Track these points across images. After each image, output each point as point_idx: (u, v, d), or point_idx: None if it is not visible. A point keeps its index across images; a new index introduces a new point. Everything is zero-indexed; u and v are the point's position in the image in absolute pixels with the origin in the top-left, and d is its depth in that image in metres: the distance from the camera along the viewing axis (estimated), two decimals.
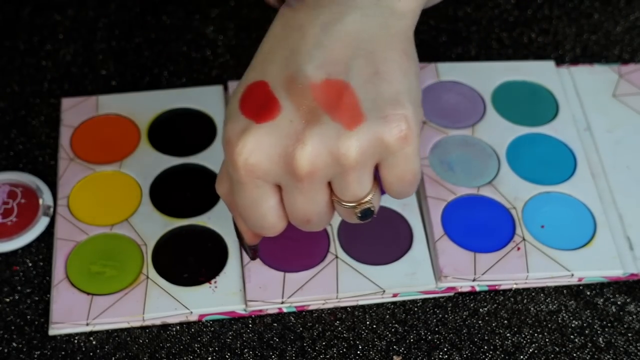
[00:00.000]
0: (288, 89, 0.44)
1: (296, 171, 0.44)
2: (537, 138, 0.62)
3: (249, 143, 0.44)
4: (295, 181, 0.44)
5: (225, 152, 0.45)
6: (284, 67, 0.45)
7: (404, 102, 0.44)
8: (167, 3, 0.70)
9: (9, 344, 0.53)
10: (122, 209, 0.58)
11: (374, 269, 0.55)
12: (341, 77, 0.44)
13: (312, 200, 0.46)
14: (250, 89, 0.45)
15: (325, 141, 0.43)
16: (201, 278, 0.55)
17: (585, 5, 0.71)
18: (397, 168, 0.45)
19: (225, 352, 0.53)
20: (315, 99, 0.44)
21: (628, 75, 0.65)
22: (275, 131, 0.44)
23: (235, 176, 0.45)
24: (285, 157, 0.44)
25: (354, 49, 0.45)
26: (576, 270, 0.55)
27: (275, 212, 0.47)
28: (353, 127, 0.43)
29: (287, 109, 0.44)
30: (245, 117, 0.45)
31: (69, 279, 0.55)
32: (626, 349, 0.54)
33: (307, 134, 0.43)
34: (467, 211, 0.58)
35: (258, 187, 0.45)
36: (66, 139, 0.61)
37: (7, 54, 0.66)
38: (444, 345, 0.54)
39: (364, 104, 0.44)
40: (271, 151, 0.44)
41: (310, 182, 0.44)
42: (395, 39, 0.46)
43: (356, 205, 0.46)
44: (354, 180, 0.45)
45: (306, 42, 0.45)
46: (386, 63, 0.45)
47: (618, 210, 0.58)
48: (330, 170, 0.44)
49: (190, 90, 0.64)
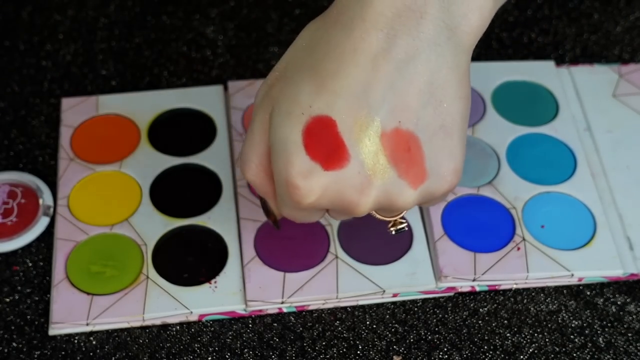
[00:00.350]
0: (358, 135, 0.44)
1: (355, 214, 0.46)
2: (537, 138, 0.62)
3: (316, 189, 0.44)
4: (350, 215, 0.46)
5: (285, 189, 0.45)
6: (354, 106, 0.43)
7: (458, 155, 0.45)
8: (167, 3, 0.70)
9: (9, 344, 0.53)
10: (122, 209, 0.58)
11: (374, 269, 0.55)
12: (411, 128, 0.44)
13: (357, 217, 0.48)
14: (315, 124, 0.44)
15: (387, 195, 0.45)
16: (201, 278, 0.55)
17: (585, 5, 0.71)
18: (437, 201, 0.48)
19: (225, 352, 0.53)
20: (384, 150, 0.44)
21: (628, 75, 0.65)
22: (342, 180, 0.44)
23: (292, 205, 0.46)
24: (348, 204, 0.45)
25: (426, 96, 0.44)
26: (576, 270, 0.55)
27: (322, 216, 0.49)
28: (417, 186, 0.45)
29: (355, 159, 0.44)
30: (311, 159, 0.44)
31: (69, 279, 0.55)
32: (626, 349, 0.54)
33: (373, 188, 0.44)
34: (467, 211, 0.58)
35: (312, 211, 0.47)
36: (66, 139, 0.61)
37: (7, 54, 0.66)
38: (444, 345, 0.54)
39: (427, 159, 0.45)
40: (335, 198, 0.45)
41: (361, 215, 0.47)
42: (463, 82, 0.45)
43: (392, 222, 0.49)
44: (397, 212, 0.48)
45: (379, 80, 0.43)
46: (452, 114, 0.45)
47: (618, 210, 0.58)
48: (383, 209, 0.47)
49: (190, 90, 0.64)
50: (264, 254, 0.56)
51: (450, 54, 0.44)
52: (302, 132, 0.44)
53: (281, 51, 0.67)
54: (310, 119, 0.44)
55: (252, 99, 0.63)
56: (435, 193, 0.46)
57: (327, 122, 0.44)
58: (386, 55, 0.43)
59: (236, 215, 0.57)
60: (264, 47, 0.67)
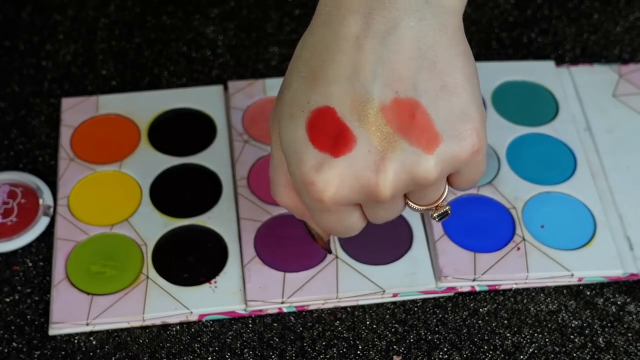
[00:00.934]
0: (358, 114, 0.43)
1: (379, 197, 0.44)
2: (537, 138, 0.62)
3: (332, 179, 0.44)
4: (377, 202, 0.45)
5: (303, 189, 0.45)
6: (348, 89, 0.43)
7: (473, 114, 0.44)
8: (167, 3, 0.70)
9: (9, 344, 0.53)
10: (122, 209, 0.58)
11: (374, 269, 0.55)
12: (410, 95, 0.43)
13: (392, 209, 0.46)
14: (316, 117, 0.44)
15: (405, 167, 0.43)
16: (201, 278, 0.55)
17: (585, 5, 0.71)
18: (468, 174, 0.46)
19: (225, 352, 0.53)
20: (388, 122, 0.43)
21: (628, 75, 0.65)
22: (354, 164, 0.43)
23: (318, 207, 0.45)
24: (367, 186, 0.44)
25: (417, 61, 0.43)
26: (576, 270, 0.55)
27: (360, 220, 0.47)
28: (432, 150, 0.43)
29: (362, 139, 0.43)
30: (320, 151, 0.44)
31: (69, 279, 0.55)
32: (626, 349, 0.54)
33: (387, 163, 0.43)
34: (467, 211, 0.58)
35: (341, 210, 0.46)
36: (66, 139, 0.61)
37: (7, 54, 0.66)
38: (444, 345, 0.54)
39: (436, 122, 0.43)
40: (353, 182, 0.44)
41: (392, 201, 0.45)
42: (453, 40, 0.44)
43: (433, 209, 0.47)
44: (431, 192, 0.46)
45: (366, 57, 0.43)
46: (450, 73, 0.44)
47: (618, 210, 0.58)
48: (410, 188, 0.45)
49: (190, 90, 0.64)
50: (264, 254, 0.56)
51: (433, 17, 0.43)
52: (305, 128, 0.44)
53: (281, 51, 0.67)
54: (311, 114, 0.44)
55: (252, 99, 0.63)
56: (459, 156, 0.44)
57: (326, 112, 0.44)
58: (367, 34, 0.43)
59: (236, 215, 0.57)
60: (264, 47, 0.67)
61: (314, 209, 0.46)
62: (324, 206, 0.45)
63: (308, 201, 0.45)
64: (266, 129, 0.61)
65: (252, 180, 0.59)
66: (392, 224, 0.57)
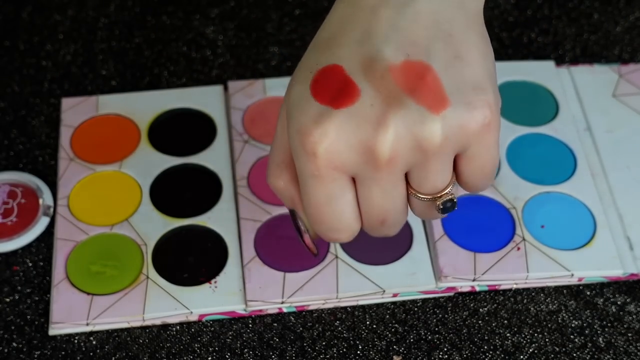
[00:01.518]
0: (366, 72, 0.41)
1: (377, 158, 0.41)
2: (537, 138, 0.62)
3: (330, 130, 0.41)
4: (374, 170, 0.42)
5: (298, 142, 0.42)
6: (358, 49, 0.42)
7: (487, 88, 0.42)
8: (167, 3, 0.70)
9: (9, 344, 0.53)
10: (122, 209, 0.58)
11: (374, 269, 0.55)
12: (422, 58, 0.41)
13: (389, 194, 0.43)
14: (322, 74, 0.42)
15: (408, 125, 0.41)
16: (201, 278, 0.55)
17: (585, 5, 0.71)
18: (478, 159, 0.43)
19: (225, 352, 0.53)
20: (395, 82, 0.41)
21: (628, 75, 0.65)
22: (355, 116, 0.41)
23: (310, 168, 0.42)
24: (365, 143, 0.41)
25: (432, 31, 0.42)
26: (576, 270, 0.55)
27: (352, 209, 0.43)
28: (438, 111, 0.41)
29: (366, 93, 0.41)
30: (320, 103, 0.41)
31: (69, 279, 0.55)
32: (626, 349, 0.54)
33: (390, 118, 0.40)
34: (467, 211, 0.58)
35: (335, 180, 0.42)
36: (66, 139, 0.61)
37: (7, 54, 0.66)
38: (444, 345, 0.54)
39: (446, 88, 0.41)
40: (351, 138, 0.41)
41: (389, 170, 0.42)
42: (472, 20, 0.43)
43: (437, 198, 0.43)
44: (434, 170, 0.42)
45: (380, 23, 0.42)
46: (466, 46, 0.42)
47: (618, 210, 0.58)
48: (411, 158, 0.42)
49: (190, 90, 0.64)
50: (264, 254, 0.56)
51: None
52: (309, 85, 0.42)
53: (281, 51, 0.67)
54: (317, 72, 0.43)
55: (252, 99, 0.63)
56: (468, 126, 0.41)
57: (332, 69, 0.42)
58: (384, 4, 0.42)
59: (236, 215, 0.57)
60: (264, 47, 0.67)
61: (304, 175, 0.43)
62: (316, 165, 0.42)
63: (300, 162, 0.42)
64: (266, 129, 0.61)
65: (252, 180, 0.59)
66: None
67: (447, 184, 0.43)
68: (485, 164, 0.43)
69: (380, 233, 0.45)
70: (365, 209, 0.44)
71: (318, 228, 0.45)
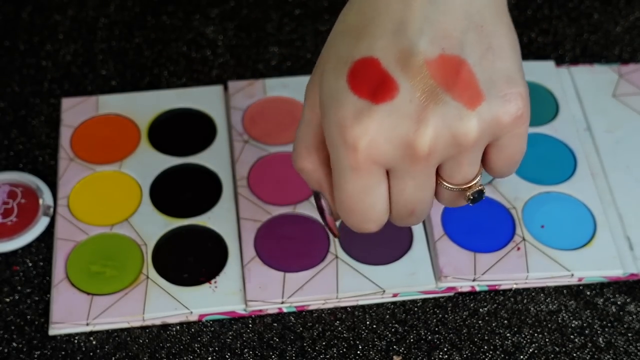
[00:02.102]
0: (402, 66, 0.42)
1: (416, 153, 0.42)
2: (537, 138, 0.62)
3: (371, 126, 0.41)
4: (411, 164, 0.42)
5: (337, 135, 0.42)
6: (393, 42, 0.42)
7: (518, 79, 0.43)
8: (167, 3, 0.70)
9: (9, 344, 0.53)
10: (122, 209, 0.58)
11: (374, 269, 0.55)
12: (456, 52, 0.42)
13: (421, 187, 0.44)
14: (358, 66, 0.42)
15: (446, 122, 0.41)
16: (201, 278, 0.55)
17: (585, 5, 0.71)
18: (508, 148, 0.44)
19: (225, 352, 0.53)
20: (432, 77, 0.41)
21: (628, 75, 0.65)
22: (395, 112, 0.41)
23: (349, 161, 0.42)
24: (405, 138, 0.41)
25: (465, 23, 0.42)
26: (576, 270, 0.55)
27: (384, 201, 0.44)
28: (474, 107, 0.42)
29: (404, 88, 0.41)
30: (360, 98, 0.42)
31: (69, 279, 0.55)
32: (626, 349, 0.54)
33: (429, 114, 0.41)
34: (467, 211, 0.58)
35: (372, 173, 0.43)
36: (66, 139, 0.61)
37: (7, 54, 0.66)
38: (444, 345, 0.54)
39: (480, 81, 0.42)
40: (391, 133, 0.41)
41: (426, 164, 0.42)
42: (500, 10, 0.44)
43: (467, 188, 0.44)
44: (467, 162, 0.43)
45: (414, 15, 0.42)
46: (497, 37, 0.43)
47: (618, 210, 0.58)
48: (447, 152, 0.42)
49: (190, 90, 0.64)
50: (264, 254, 0.56)
51: None
52: (346, 78, 0.43)
53: (281, 51, 0.67)
54: (353, 64, 0.43)
55: (252, 99, 0.63)
56: (502, 119, 0.42)
57: (369, 62, 0.42)
58: None
59: (236, 215, 0.57)
60: (264, 47, 0.67)
61: (341, 166, 0.43)
62: (355, 158, 0.42)
63: (339, 154, 0.43)
64: (266, 129, 0.61)
65: (252, 180, 0.59)
66: (392, 223, 0.57)
67: (477, 174, 0.44)
68: (515, 153, 0.44)
69: (406, 223, 0.46)
70: (396, 200, 0.44)
71: (348, 217, 0.45)
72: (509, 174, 0.46)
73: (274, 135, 0.61)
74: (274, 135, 0.61)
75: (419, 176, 0.43)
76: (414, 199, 0.44)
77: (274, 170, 0.59)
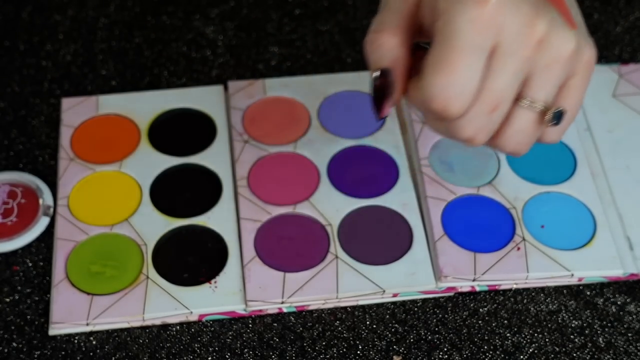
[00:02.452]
0: None
1: (532, 32, 0.43)
2: None
3: None
4: (521, 45, 0.43)
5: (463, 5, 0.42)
6: None
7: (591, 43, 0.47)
8: (167, 3, 0.70)
9: (9, 344, 0.53)
10: (122, 209, 0.58)
11: (374, 269, 0.55)
12: None
13: (514, 81, 0.44)
14: None
15: (555, 25, 0.44)
16: (201, 278, 0.55)
17: (585, 5, 0.71)
18: (575, 92, 0.47)
19: (225, 352, 0.53)
20: None
21: (628, 75, 0.65)
22: None
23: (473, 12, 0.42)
24: (526, 16, 0.43)
25: None
26: (576, 270, 0.55)
27: (478, 79, 0.43)
28: (573, 28, 0.45)
29: None
30: None
31: (69, 279, 0.55)
32: (626, 349, 0.54)
33: (546, 12, 0.44)
34: (467, 211, 0.58)
35: (484, 36, 0.42)
36: (66, 139, 0.61)
37: (7, 54, 0.66)
38: (444, 345, 0.54)
39: None
40: (518, 7, 0.43)
41: (532, 50, 0.44)
42: None
43: (548, 110, 0.46)
44: (553, 78, 0.45)
45: None
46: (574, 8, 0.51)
47: (618, 210, 0.58)
48: (547, 53, 0.44)
49: (190, 90, 0.64)
50: (264, 254, 0.56)
51: None
52: None
53: (281, 51, 0.67)
54: None
55: (252, 99, 0.63)
56: (584, 52, 0.46)
57: None
58: None
59: (236, 215, 0.57)
60: (264, 47, 0.67)
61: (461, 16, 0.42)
62: (481, 10, 0.42)
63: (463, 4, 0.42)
64: (266, 129, 0.61)
65: (252, 180, 0.59)
66: (392, 223, 0.57)
67: (554, 102, 0.46)
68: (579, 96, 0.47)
69: (478, 126, 0.45)
70: (488, 88, 0.44)
71: (436, 78, 0.43)
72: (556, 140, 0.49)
73: (274, 135, 0.61)
74: (274, 135, 0.61)
75: (518, 65, 0.44)
76: (504, 92, 0.44)
77: (274, 170, 0.59)
